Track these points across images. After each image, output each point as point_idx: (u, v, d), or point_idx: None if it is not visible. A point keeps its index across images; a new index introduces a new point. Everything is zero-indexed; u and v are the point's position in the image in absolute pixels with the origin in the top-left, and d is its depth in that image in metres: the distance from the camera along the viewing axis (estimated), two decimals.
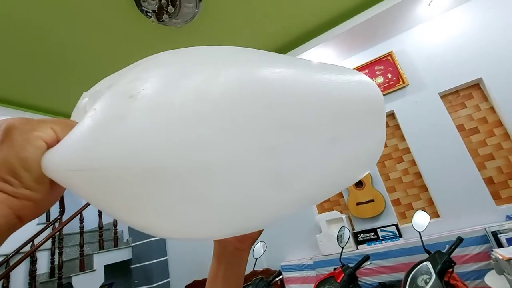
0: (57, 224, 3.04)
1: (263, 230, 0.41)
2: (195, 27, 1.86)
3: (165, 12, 1.64)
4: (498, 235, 1.57)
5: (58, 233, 2.88)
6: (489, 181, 2.03)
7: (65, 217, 3.05)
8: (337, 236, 1.84)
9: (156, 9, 1.62)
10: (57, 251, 2.88)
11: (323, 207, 2.59)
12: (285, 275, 2.36)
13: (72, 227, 3.37)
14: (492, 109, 2.12)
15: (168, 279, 3.31)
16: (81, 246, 2.94)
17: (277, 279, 1.85)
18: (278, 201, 0.26)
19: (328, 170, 0.28)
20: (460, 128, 2.17)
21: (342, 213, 2.36)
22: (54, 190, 0.23)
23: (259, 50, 0.29)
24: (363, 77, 0.30)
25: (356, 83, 0.29)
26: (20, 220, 0.21)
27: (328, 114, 0.26)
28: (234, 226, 0.26)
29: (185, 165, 0.21)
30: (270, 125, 0.23)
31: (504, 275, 1.14)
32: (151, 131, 0.20)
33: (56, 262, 2.86)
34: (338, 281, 1.43)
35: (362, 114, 0.29)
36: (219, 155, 0.22)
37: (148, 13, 1.64)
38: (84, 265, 2.88)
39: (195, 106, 0.21)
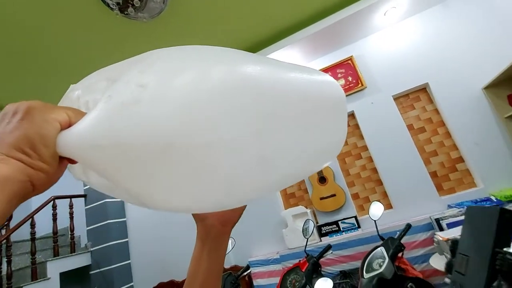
0: (3, 231, 2.77)
1: (242, 213, 0.45)
2: (162, 23, 1.83)
3: (130, 5, 1.59)
4: (440, 221, 1.78)
5: (5, 240, 2.62)
6: (433, 175, 2.27)
7: (12, 224, 2.79)
8: (302, 229, 1.94)
9: (120, 1, 1.57)
10: (4, 260, 2.62)
11: (289, 203, 2.69)
12: (253, 270, 2.41)
13: (21, 234, 3.08)
14: (436, 110, 2.38)
15: (132, 283, 3.18)
16: (33, 253, 2.71)
17: (245, 274, 1.89)
18: (262, 177, 0.30)
19: (302, 153, 0.33)
20: (410, 127, 2.40)
21: (307, 208, 2.47)
22: (59, 168, 0.25)
23: (240, 51, 0.33)
24: (329, 77, 0.36)
25: (324, 82, 0.35)
26: (34, 189, 0.23)
27: (302, 107, 0.31)
28: (229, 199, 0.30)
29: (191, 143, 0.24)
30: (257, 113, 0.27)
31: (444, 255, 1.31)
32: (162, 114, 0.24)
33: (4, 272, 2.60)
34: (303, 270, 1.51)
35: (329, 108, 0.35)
36: (218, 135, 0.25)
37: (111, 5, 1.58)
38: (36, 273, 2.66)
39: (195, 94, 0.25)
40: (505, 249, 0.22)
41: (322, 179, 2.46)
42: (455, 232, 1.23)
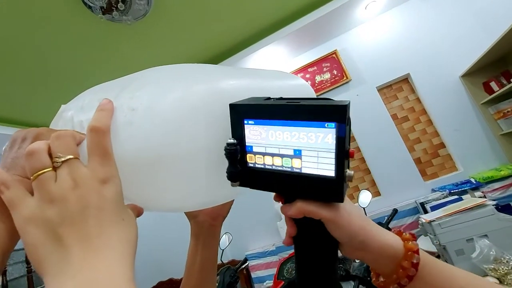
0: None
1: (230, 207, 0.50)
2: (147, 24, 1.84)
3: (114, 8, 1.59)
4: (425, 205, 1.88)
5: None
6: (418, 161, 2.39)
7: None
8: None
9: (104, 5, 1.56)
10: None
11: None
12: (250, 263, 2.48)
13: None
14: (418, 99, 2.48)
15: None
16: (28, 262, 2.69)
17: (243, 267, 1.94)
18: None
19: None
20: (394, 117, 2.50)
21: None
22: None
23: (219, 66, 0.38)
24: (301, 80, 0.40)
25: (294, 85, 0.39)
26: None
27: None
28: (214, 197, 0.35)
29: (176, 154, 0.29)
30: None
31: (428, 236, 1.40)
32: (152, 131, 0.28)
33: None
34: None
35: None
36: (198, 145, 0.29)
37: (95, 9, 1.57)
38: (32, 282, 2.64)
39: (178, 113, 0.29)
40: (230, 140, 0.29)
41: None
42: (438, 214, 1.32)
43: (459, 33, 2.31)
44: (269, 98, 0.30)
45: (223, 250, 1.95)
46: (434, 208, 1.70)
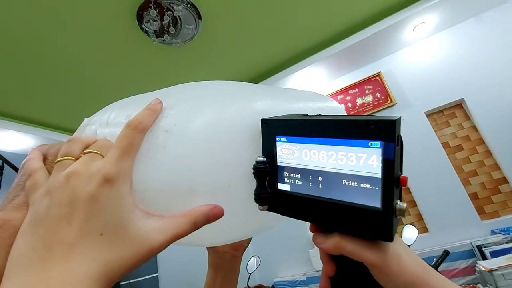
0: None
1: (251, 238, 0.46)
2: (194, 47, 1.95)
3: (166, 32, 1.72)
4: (483, 249, 1.63)
5: None
6: (474, 197, 2.11)
7: None
8: None
9: (157, 29, 1.70)
10: None
11: None
12: None
13: None
14: (474, 127, 2.24)
15: None
16: None
17: None
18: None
19: None
20: (446, 145, 2.27)
21: None
22: None
23: (255, 85, 0.36)
24: (334, 102, 0.37)
25: (330, 107, 0.36)
26: None
27: None
28: (249, 228, 0.31)
29: (213, 184, 0.26)
30: None
31: (488, 286, 1.19)
32: (186, 157, 0.26)
33: None
34: None
35: None
36: (236, 172, 0.27)
37: (149, 33, 1.72)
38: None
39: (214, 135, 0.27)
40: (259, 158, 0.26)
41: None
42: (500, 262, 1.13)
43: None
44: (306, 115, 0.27)
45: (250, 273, 1.88)
46: (495, 254, 1.46)
